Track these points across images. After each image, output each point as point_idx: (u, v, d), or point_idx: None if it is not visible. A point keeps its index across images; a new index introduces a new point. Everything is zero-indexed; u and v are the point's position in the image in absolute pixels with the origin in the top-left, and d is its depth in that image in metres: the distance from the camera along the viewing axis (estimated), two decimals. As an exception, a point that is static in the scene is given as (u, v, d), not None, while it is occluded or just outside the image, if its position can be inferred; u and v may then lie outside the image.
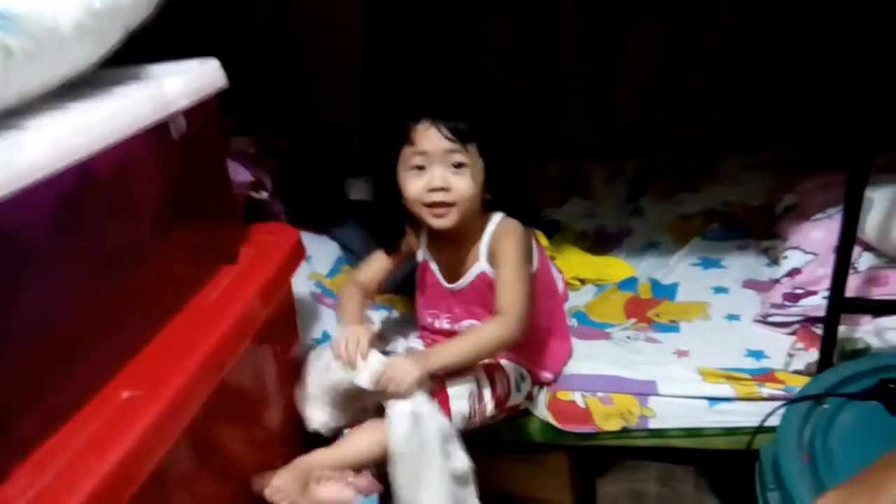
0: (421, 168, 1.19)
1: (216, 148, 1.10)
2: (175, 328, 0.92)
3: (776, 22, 2.09)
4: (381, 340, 1.40)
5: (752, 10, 2.10)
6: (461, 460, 1.14)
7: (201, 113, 0.99)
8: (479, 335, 1.20)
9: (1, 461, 0.68)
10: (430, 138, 1.17)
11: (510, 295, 1.20)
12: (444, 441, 1.12)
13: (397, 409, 1.09)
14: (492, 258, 1.26)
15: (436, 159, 1.18)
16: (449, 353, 1.18)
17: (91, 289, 0.80)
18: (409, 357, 1.17)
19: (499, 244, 1.24)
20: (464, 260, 1.29)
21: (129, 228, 0.88)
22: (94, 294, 0.81)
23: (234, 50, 1.66)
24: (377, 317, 1.61)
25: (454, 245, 1.29)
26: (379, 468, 1.15)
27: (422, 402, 1.11)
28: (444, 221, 1.21)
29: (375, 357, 1.14)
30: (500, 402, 1.26)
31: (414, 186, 1.20)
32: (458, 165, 1.18)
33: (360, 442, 1.15)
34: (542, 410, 1.37)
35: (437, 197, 1.19)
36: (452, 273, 1.31)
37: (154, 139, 0.90)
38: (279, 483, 1.05)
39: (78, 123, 0.78)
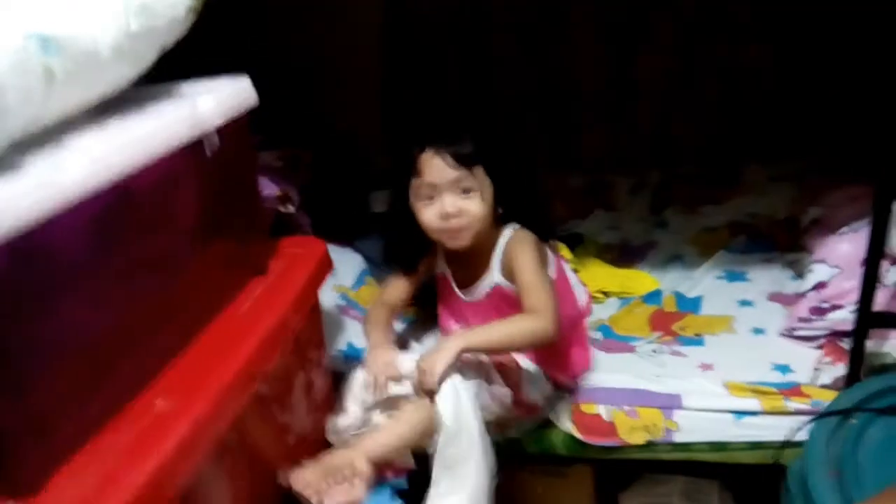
0: (431, 197, 1.22)
1: (247, 164, 1.12)
2: (208, 339, 0.94)
3: (795, 29, 2.08)
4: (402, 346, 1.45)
5: (769, 18, 2.10)
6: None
7: (233, 130, 1.01)
8: (515, 324, 1.21)
9: (42, 467, 0.70)
10: (436, 168, 1.20)
11: (537, 296, 1.21)
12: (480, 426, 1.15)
13: (442, 391, 1.12)
14: (506, 271, 1.28)
15: (444, 188, 1.21)
16: (479, 336, 1.19)
17: (128, 301, 0.82)
18: (438, 347, 1.18)
19: (512, 257, 1.26)
20: (477, 272, 1.31)
21: (165, 243, 0.90)
22: (131, 306, 0.83)
23: (257, 64, 1.71)
24: (400, 325, 1.63)
25: (468, 258, 1.31)
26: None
27: (460, 385, 1.15)
28: (459, 242, 1.25)
29: (409, 364, 1.18)
30: (516, 397, 1.27)
31: (427, 215, 1.24)
32: (467, 190, 1.21)
33: (388, 433, 1.16)
34: (565, 423, 1.38)
35: (451, 224, 1.22)
36: (467, 285, 1.34)
37: (188, 156, 0.92)
38: (308, 477, 1.06)
39: (117, 143, 0.81)
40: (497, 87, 2.32)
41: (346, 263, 1.82)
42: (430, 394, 1.14)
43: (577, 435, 1.37)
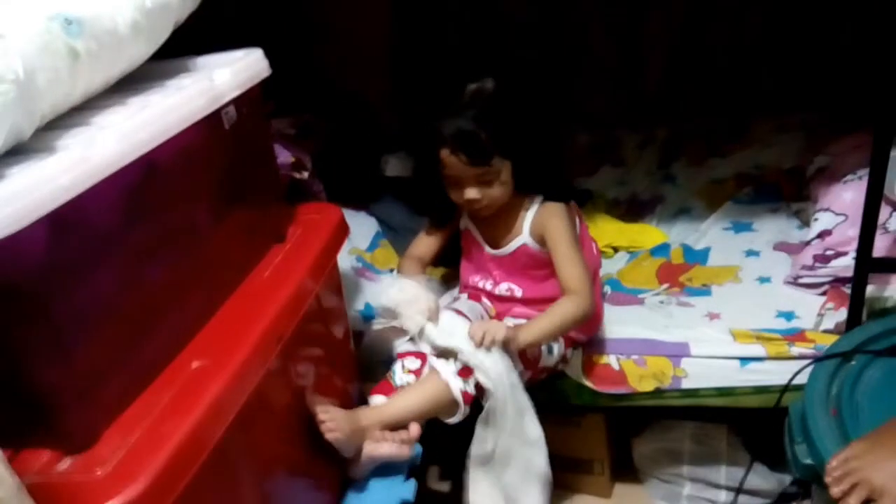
0: (455, 183, 1.28)
1: (262, 133, 1.16)
2: (235, 304, 0.99)
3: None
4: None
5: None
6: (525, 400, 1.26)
7: (248, 101, 1.04)
8: (560, 313, 1.28)
9: (93, 425, 0.76)
10: (455, 166, 1.25)
11: (574, 274, 1.28)
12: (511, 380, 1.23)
13: (491, 359, 1.20)
14: (535, 235, 1.34)
15: (466, 180, 1.27)
16: (535, 330, 1.27)
17: (158, 269, 0.87)
18: (501, 323, 1.26)
19: (546, 226, 1.32)
20: (506, 230, 1.37)
21: (189, 213, 0.95)
22: (161, 274, 0.88)
23: (267, 30, 1.73)
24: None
25: (495, 217, 1.36)
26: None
27: (499, 358, 1.21)
28: (482, 214, 1.34)
29: (454, 321, 1.26)
30: (529, 364, 1.32)
31: (452, 194, 1.31)
32: (486, 182, 1.26)
33: (413, 398, 1.22)
34: (577, 373, 1.43)
35: (473, 206, 1.30)
36: (495, 241, 1.39)
37: (207, 129, 0.96)
38: (336, 415, 1.12)
39: (141, 119, 0.84)
40: (506, 44, 2.33)
41: (361, 226, 1.87)
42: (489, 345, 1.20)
43: (589, 384, 1.43)
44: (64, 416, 0.75)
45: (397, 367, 1.29)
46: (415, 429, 1.20)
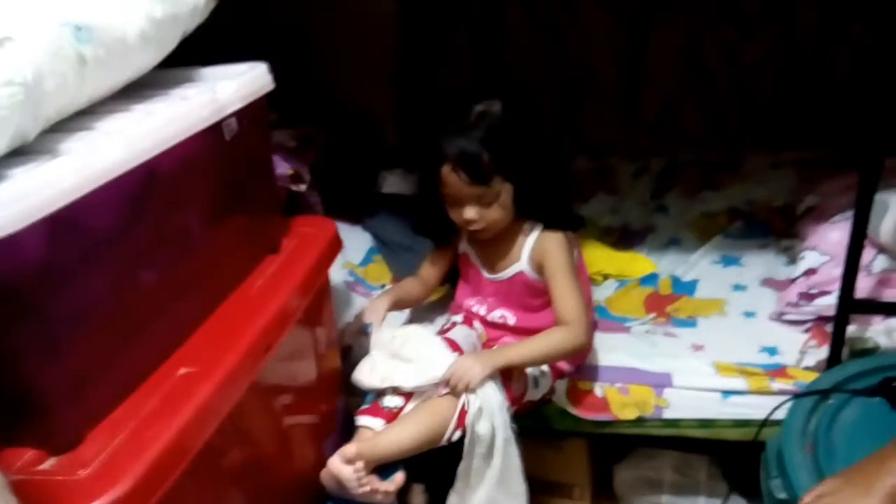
0: (455, 203, 1.29)
1: (263, 146, 1.18)
2: (225, 313, 1.01)
3: (801, 21, 2.11)
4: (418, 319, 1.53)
5: (776, 9, 2.12)
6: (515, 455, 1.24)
7: (251, 114, 1.07)
8: (547, 340, 1.28)
9: (79, 426, 0.78)
10: (455, 185, 1.26)
11: (570, 305, 1.28)
12: (506, 432, 1.22)
13: (474, 401, 1.19)
14: (534, 263, 1.34)
15: (465, 199, 1.27)
16: (517, 353, 1.27)
17: (153, 275, 0.89)
18: (478, 355, 1.27)
19: (545, 255, 1.32)
20: (505, 256, 1.37)
21: (186, 221, 0.96)
22: (156, 280, 0.89)
23: (272, 42, 1.75)
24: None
25: (493, 242, 1.37)
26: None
27: (492, 394, 1.21)
28: (481, 237, 1.34)
29: (442, 353, 1.26)
30: (515, 400, 1.32)
31: (452, 214, 1.31)
32: (486, 203, 1.27)
33: (403, 433, 1.21)
34: (561, 399, 1.44)
35: (472, 227, 1.30)
36: (492, 266, 1.40)
37: (208, 139, 0.98)
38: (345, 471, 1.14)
39: (145, 127, 0.87)
40: (509, 68, 2.37)
41: (355, 241, 1.88)
42: (459, 393, 1.20)
43: (572, 410, 1.44)
44: (50, 416, 0.76)
45: (388, 390, 1.30)
46: (399, 478, 1.20)
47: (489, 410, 1.20)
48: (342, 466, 1.14)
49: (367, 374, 1.27)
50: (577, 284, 1.31)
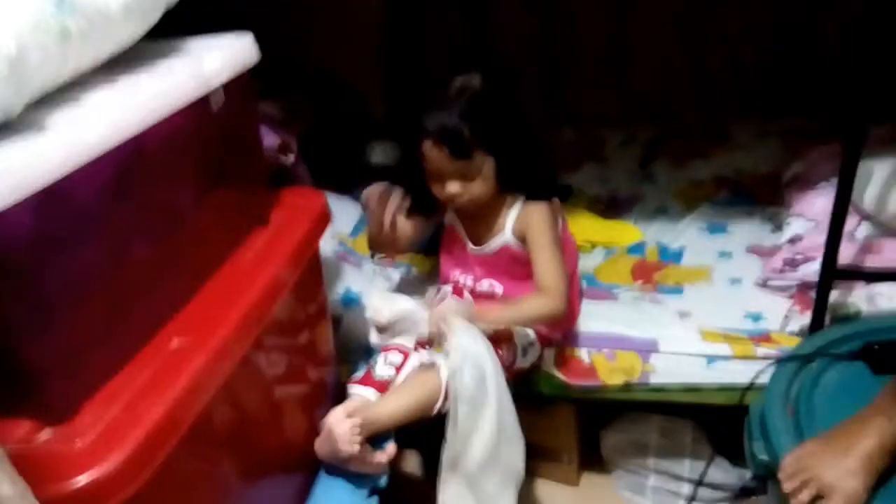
0: (437, 177, 1.29)
1: (250, 118, 1.18)
2: (216, 285, 1.01)
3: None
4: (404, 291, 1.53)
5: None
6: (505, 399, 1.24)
7: (237, 86, 1.06)
8: (526, 306, 1.30)
9: (74, 397, 0.79)
10: (437, 159, 1.26)
11: (550, 273, 1.29)
12: (497, 379, 1.23)
13: (455, 345, 1.20)
14: (518, 234, 1.35)
15: (447, 174, 1.27)
16: (495, 315, 1.29)
17: (143, 249, 0.89)
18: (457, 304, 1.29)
19: (528, 225, 1.33)
20: (489, 228, 1.38)
21: (175, 195, 0.96)
22: (146, 254, 0.90)
23: (258, 12, 1.73)
24: (398, 273, 1.72)
25: (478, 214, 1.38)
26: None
27: (472, 342, 1.21)
28: (464, 208, 1.35)
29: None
30: (504, 368, 1.32)
31: (434, 189, 1.32)
32: (468, 177, 1.27)
33: (406, 399, 1.24)
34: (550, 366, 1.47)
35: (455, 201, 1.31)
36: (477, 238, 1.41)
37: (195, 112, 0.97)
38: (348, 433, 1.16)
39: (132, 101, 0.86)
40: (496, 37, 2.35)
41: (344, 211, 1.89)
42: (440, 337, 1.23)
43: (560, 377, 1.46)
44: (46, 388, 0.77)
45: (380, 359, 1.32)
46: (391, 448, 1.23)
47: (473, 357, 1.20)
48: (342, 420, 1.17)
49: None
50: (557, 254, 1.32)
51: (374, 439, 1.23)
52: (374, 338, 1.39)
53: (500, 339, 1.33)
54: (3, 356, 0.74)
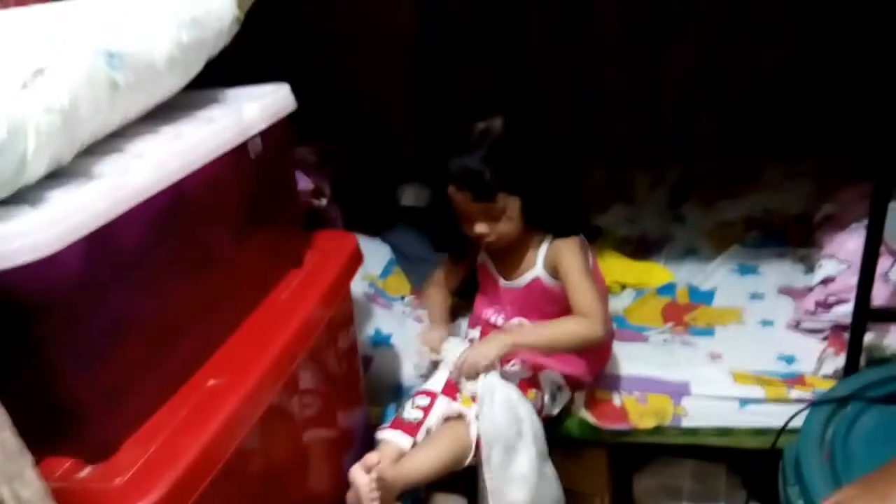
0: (465, 218, 1.33)
1: (286, 164, 1.22)
2: (252, 325, 1.04)
3: (817, 29, 2.12)
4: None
5: (792, 17, 2.14)
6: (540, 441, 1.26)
7: (274, 134, 1.10)
8: (565, 325, 1.31)
9: (115, 436, 0.81)
10: (462, 201, 1.30)
11: (585, 298, 1.31)
12: (531, 420, 1.24)
13: (483, 388, 1.22)
14: (549, 268, 1.37)
15: (473, 215, 1.31)
16: (533, 334, 1.31)
17: (183, 290, 0.92)
18: (491, 337, 1.31)
19: (559, 257, 1.35)
20: (519, 263, 1.41)
21: (213, 237, 1.00)
22: (186, 295, 0.93)
23: (294, 61, 1.79)
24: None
25: (509, 250, 1.40)
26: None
27: (506, 385, 1.23)
28: (494, 246, 1.38)
29: (455, 344, 1.32)
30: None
31: (464, 229, 1.35)
32: (494, 217, 1.30)
33: (425, 459, 1.23)
34: (580, 410, 1.46)
35: (483, 239, 1.34)
36: (508, 273, 1.43)
37: (234, 159, 1.01)
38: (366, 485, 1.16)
39: (174, 148, 0.90)
40: (528, 77, 2.39)
41: (375, 253, 1.92)
42: (471, 377, 1.24)
43: (592, 420, 1.45)
44: (87, 426, 0.79)
45: (408, 403, 1.33)
46: None
47: (505, 399, 1.21)
48: (361, 474, 1.16)
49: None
50: (591, 282, 1.33)
51: (405, 494, 1.24)
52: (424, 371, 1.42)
53: (527, 385, 1.33)
54: (48, 393, 0.77)
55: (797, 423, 1.19)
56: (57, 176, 0.83)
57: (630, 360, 1.51)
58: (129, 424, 0.83)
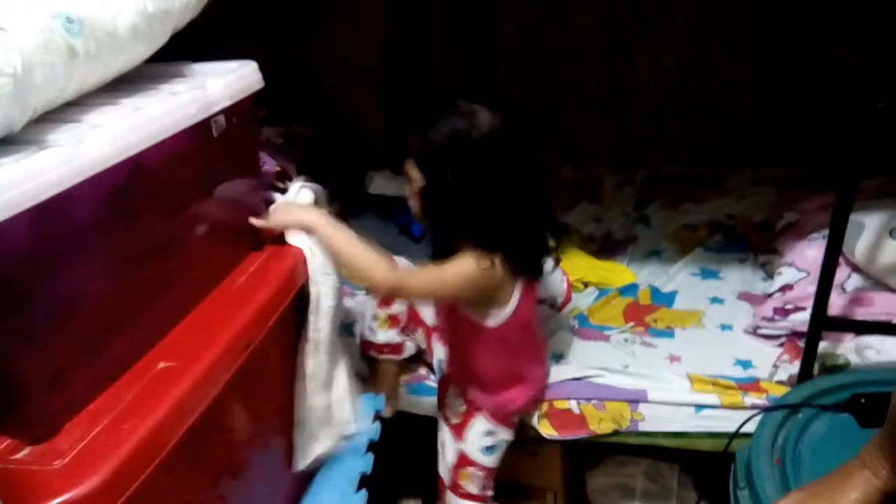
0: None
1: (250, 144, 1.18)
2: (207, 308, 1.01)
3: (786, 42, 2.15)
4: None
5: (761, 29, 2.17)
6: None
7: (239, 112, 1.07)
8: (365, 253, 1.18)
9: (56, 416, 0.78)
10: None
11: (417, 271, 1.26)
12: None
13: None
14: None
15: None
16: (336, 236, 1.17)
17: (136, 269, 0.89)
18: (300, 208, 1.22)
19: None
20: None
21: (171, 216, 0.96)
22: (139, 274, 0.90)
23: (263, 40, 1.76)
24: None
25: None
26: None
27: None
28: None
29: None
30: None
31: None
32: (407, 176, 1.24)
33: None
34: (538, 420, 1.46)
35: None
36: None
37: (196, 136, 0.98)
38: None
39: (133, 121, 0.87)
40: (499, 74, 2.39)
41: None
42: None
43: (551, 431, 1.45)
44: (28, 405, 0.76)
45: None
46: None
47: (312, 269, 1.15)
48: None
49: None
50: (437, 277, 1.21)
51: None
52: None
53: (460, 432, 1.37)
54: (-13, 371, 0.74)
55: (750, 427, 1.20)
56: (7, 143, 0.79)
57: (590, 358, 1.52)
58: (73, 406, 0.80)
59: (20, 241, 0.72)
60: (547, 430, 1.45)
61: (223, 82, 1.04)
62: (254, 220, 1.15)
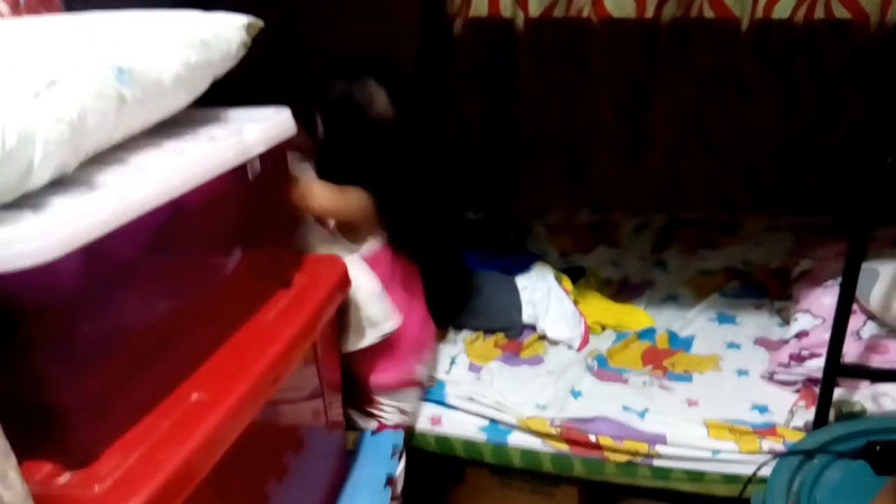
0: None
1: (282, 186, 1.24)
2: (238, 342, 1.05)
3: (801, 89, 2.19)
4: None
5: (778, 78, 2.21)
6: None
7: (273, 156, 1.13)
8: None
9: (96, 444, 0.82)
10: None
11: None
12: None
13: None
14: None
15: None
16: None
17: (174, 304, 0.94)
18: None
19: None
20: None
21: (207, 254, 1.01)
22: (176, 309, 0.94)
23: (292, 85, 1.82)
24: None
25: None
26: None
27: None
28: None
29: None
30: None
31: None
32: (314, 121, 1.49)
33: None
34: (552, 444, 1.47)
35: None
36: None
37: (233, 179, 1.03)
38: None
39: (176, 164, 0.92)
40: (518, 121, 2.44)
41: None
42: None
43: (564, 448, 1.46)
44: (70, 433, 0.80)
45: None
46: None
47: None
48: None
49: None
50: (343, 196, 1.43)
51: None
52: None
53: None
54: (34, 398, 0.78)
55: (766, 472, 1.21)
56: (59, 183, 0.84)
57: (610, 399, 1.53)
58: (112, 433, 0.84)
59: (70, 278, 0.76)
60: (561, 446, 1.46)
61: (259, 128, 1.10)
62: None
